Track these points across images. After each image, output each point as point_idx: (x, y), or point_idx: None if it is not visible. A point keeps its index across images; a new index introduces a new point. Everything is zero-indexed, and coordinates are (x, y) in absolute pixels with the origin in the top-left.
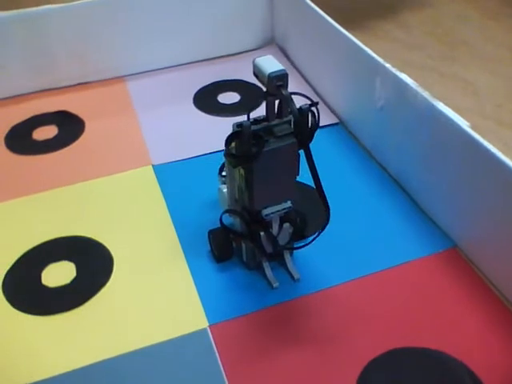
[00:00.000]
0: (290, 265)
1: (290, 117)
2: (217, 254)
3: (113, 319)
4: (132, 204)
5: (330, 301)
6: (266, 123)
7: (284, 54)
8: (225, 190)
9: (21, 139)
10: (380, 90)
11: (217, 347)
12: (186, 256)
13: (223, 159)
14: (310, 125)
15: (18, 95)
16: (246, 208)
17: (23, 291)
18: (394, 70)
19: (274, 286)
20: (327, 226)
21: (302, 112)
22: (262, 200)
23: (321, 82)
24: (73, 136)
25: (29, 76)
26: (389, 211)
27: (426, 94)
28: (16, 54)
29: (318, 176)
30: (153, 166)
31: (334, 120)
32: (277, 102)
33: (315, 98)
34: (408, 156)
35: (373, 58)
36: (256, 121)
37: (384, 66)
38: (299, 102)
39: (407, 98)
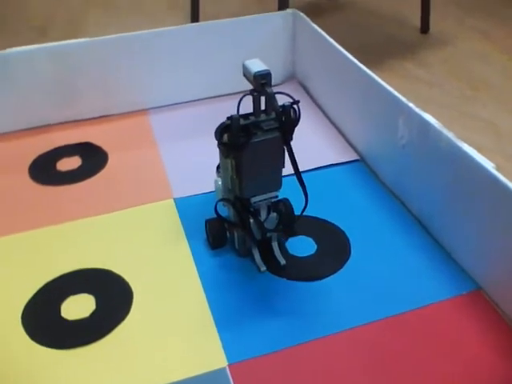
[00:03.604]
0: (276, 252)
1: None
2: (211, 242)
3: (131, 355)
4: (152, 237)
5: (353, 342)
6: (254, 118)
7: (305, 89)
8: (220, 182)
9: (45, 170)
10: (403, 128)
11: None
12: (205, 292)
13: None
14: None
15: (43, 126)
16: (238, 197)
17: (42, 324)
18: (417, 109)
19: (262, 269)
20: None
21: (285, 108)
22: (250, 188)
23: (341, 118)
24: (96, 167)
25: (53, 107)
26: (411, 251)
27: (450, 135)
28: (41, 85)
29: (296, 164)
30: (174, 199)
31: (355, 157)
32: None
33: (336, 135)
34: (431, 195)
35: (396, 96)
36: (245, 115)
37: (408, 106)
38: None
39: (430, 137)
